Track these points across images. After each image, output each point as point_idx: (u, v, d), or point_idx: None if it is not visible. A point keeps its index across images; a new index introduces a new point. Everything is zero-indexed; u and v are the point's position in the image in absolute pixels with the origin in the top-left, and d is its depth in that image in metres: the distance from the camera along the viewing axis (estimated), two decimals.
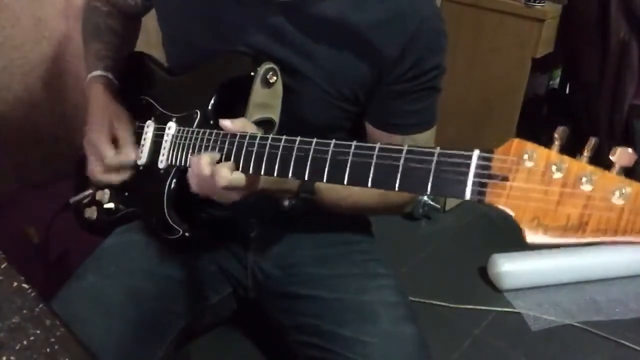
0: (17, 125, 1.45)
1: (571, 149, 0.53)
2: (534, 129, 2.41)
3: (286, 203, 0.89)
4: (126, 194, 1.04)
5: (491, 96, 2.50)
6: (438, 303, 1.93)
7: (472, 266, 2.13)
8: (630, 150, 0.50)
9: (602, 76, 2.36)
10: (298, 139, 0.73)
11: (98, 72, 1.08)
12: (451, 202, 2.46)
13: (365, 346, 0.92)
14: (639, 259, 2.12)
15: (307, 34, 0.90)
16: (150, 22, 1.10)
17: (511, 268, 2.01)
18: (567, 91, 2.71)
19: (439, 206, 2.40)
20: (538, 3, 2.30)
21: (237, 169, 0.78)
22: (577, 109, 2.48)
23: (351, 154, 0.67)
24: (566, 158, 0.52)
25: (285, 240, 1.06)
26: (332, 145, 0.69)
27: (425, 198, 2.37)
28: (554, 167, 0.52)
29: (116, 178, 0.99)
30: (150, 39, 1.21)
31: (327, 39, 0.90)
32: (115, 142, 0.99)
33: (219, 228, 1.04)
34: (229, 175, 0.77)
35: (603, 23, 2.30)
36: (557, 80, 2.88)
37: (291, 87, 0.92)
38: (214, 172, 0.78)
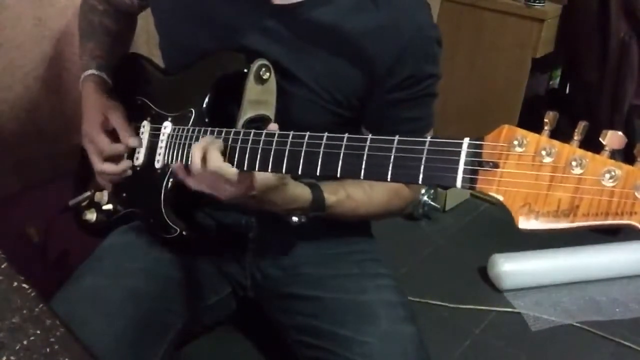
0: (18, 124, 1.45)
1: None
2: (534, 129, 2.40)
3: (295, 220, 0.90)
4: (124, 194, 1.04)
5: (491, 96, 2.50)
6: (438, 303, 1.93)
7: (472, 266, 2.13)
8: (620, 133, 0.50)
9: (602, 76, 2.36)
10: (291, 133, 0.73)
11: (91, 71, 1.09)
12: (451, 202, 2.46)
13: (364, 346, 0.92)
14: (639, 259, 2.12)
15: (301, 38, 0.91)
16: (151, 23, 1.10)
17: (511, 268, 2.00)
18: (567, 91, 2.71)
19: (439, 206, 2.40)
20: (538, 3, 2.30)
21: (232, 165, 0.79)
22: (577, 109, 2.48)
23: (343, 146, 0.67)
24: (556, 142, 0.52)
25: (284, 240, 1.06)
26: (324, 138, 0.69)
27: (426, 198, 2.36)
28: (543, 152, 0.52)
29: (115, 168, 1.00)
30: (150, 39, 1.22)
31: (322, 44, 0.90)
32: (111, 133, 1.01)
33: (217, 228, 1.04)
34: (219, 159, 0.78)
35: (603, 23, 2.30)
36: (557, 80, 2.87)
37: (284, 89, 0.92)
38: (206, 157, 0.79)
